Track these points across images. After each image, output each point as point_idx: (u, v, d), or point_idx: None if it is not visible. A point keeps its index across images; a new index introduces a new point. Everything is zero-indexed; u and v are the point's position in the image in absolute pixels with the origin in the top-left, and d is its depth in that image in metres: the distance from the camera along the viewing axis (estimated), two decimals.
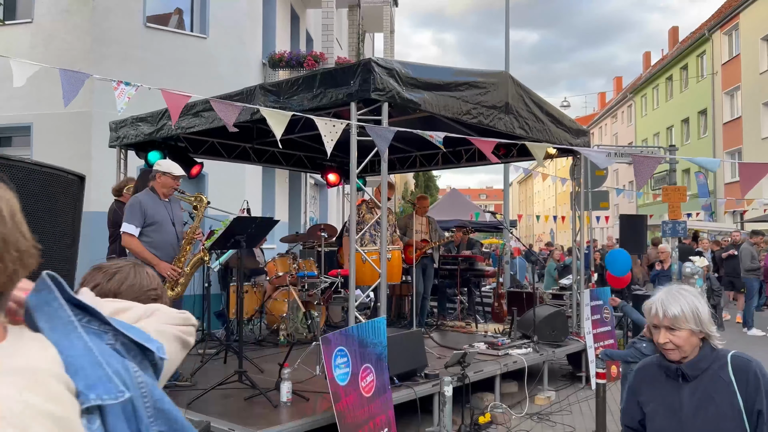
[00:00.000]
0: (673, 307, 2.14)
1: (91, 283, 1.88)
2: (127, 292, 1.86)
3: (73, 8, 10.33)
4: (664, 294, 2.19)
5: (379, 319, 4.72)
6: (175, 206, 5.16)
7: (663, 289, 2.23)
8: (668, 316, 2.15)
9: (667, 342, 2.17)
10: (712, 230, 18.95)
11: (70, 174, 3.01)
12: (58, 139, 10.00)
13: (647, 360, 2.37)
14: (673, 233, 8.03)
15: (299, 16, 15.60)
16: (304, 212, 13.37)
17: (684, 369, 2.17)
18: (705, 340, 2.17)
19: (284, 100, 5.42)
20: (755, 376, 2.09)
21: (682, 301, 2.14)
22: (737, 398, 2.08)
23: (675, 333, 2.14)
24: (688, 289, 2.19)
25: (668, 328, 2.16)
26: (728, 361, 2.15)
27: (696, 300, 2.15)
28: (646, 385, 2.31)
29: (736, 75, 26.48)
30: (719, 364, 2.16)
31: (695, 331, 2.13)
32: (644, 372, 2.36)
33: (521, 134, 6.62)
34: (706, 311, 2.15)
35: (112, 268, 1.90)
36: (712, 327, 2.16)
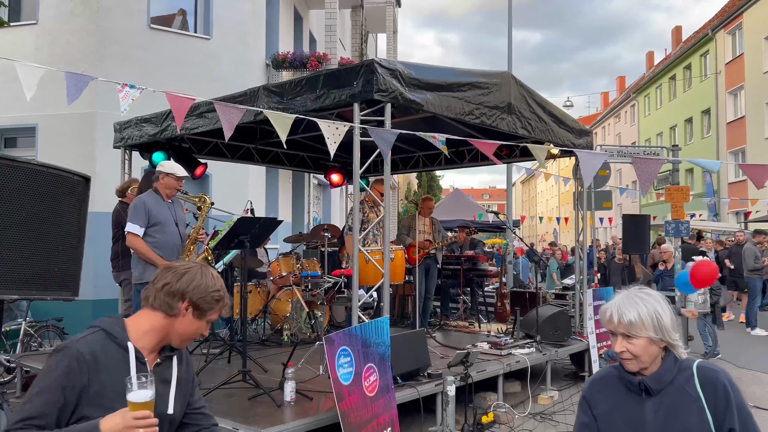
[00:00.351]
0: (630, 313, 1.95)
1: (160, 282, 2.04)
2: (193, 291, 2.04)
3: (77, 10, 10.37)
4: (622, 297, 2.01)
5: (382, 318, 4.74)
6: (178, 207, 5.19)
7: (622, 291, 2.04)
8: (623, 322, 1.96)
9: (624, 351, 1.97)
10: (715, 230, 18.94)
11: (75, 175, 3.04)
12: (63, 140, 10.04)
13: (605, 370, 2.16)
14: (676, 233, 8.03)
15: (302, 16, 15.64)
16: (307, 212, 13.40)
17: (647, 383, 1.97)
18: (668, 349, 1.99)
19: (288, 101, 5.44)
20: (724, 389, 1.91)
21: (640, 305, 1.95)
22: (706, 414, 1.90)
23: (632, 341, 1.96)
24: (650, 293, 2.01)
25: (624, 335, 1.97)
26: (694, 372, 1.96)
27: (657, 305, 1.97)
28: (603, 398, 2.10)
29: (739, 74, 26.42)
30: (685, 377, 1.96)
31: (654, 340, 1.94)
32: (602, 383, 2.14)
33: (524, 134, 6.63)
34: (668, 317, 1.96)
35: (182, 268, 2.07)
36: (674, 335, 1.96)
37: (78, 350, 1.90)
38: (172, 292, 2.01)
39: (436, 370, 5.26)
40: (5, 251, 2.62)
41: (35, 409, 1.84)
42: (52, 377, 1.88)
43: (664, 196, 8.40)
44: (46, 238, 2.80)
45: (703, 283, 4.55)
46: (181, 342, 2.10)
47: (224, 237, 5.37)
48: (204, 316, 2.07)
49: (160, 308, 2.02)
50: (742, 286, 12.23)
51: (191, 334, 2.08)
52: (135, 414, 1.79)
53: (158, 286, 2.03)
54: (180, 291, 2.02)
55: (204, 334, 2.15)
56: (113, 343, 1.97)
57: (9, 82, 10.21)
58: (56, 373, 1.88)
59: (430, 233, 8.02)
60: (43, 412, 1.83)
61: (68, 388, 1.85)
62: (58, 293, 2.91)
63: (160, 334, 2.04)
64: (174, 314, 2.02)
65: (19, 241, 2.68)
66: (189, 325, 2.05)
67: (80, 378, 1.87)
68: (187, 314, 2.03)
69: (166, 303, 2.01)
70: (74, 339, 1.98)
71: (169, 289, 2.01)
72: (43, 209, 2.79)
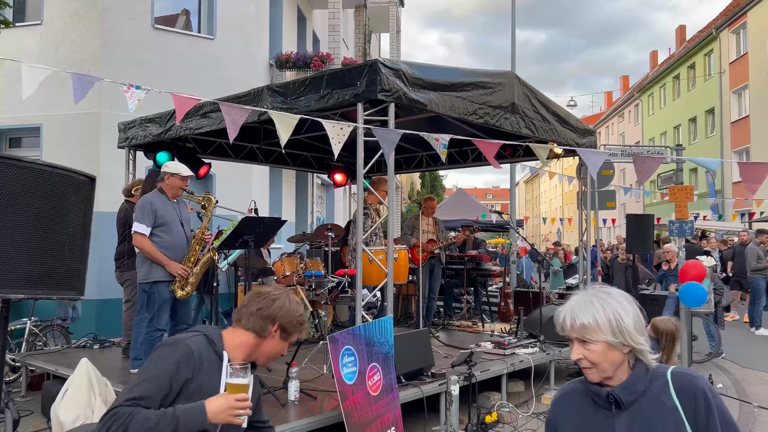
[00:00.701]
0: (584, 315, 1.74)
1: (254, 306, 2.31)
2: (283, 316, 2.31)
3: (82, 11, 10.40)
4: (578, 298, 1.80)
5: (386, 318, 4.75)
6: (183, 207, 5.21)
7: (579, 292, 1.84)
8: (576, 325, 1.75)
9: (581, 358, 1.77)
10: (719, 229, 18.89)
11: (81, 175, 3.05)
12: (68, 141, 10.07)
13: (569, 385, 1.96)
14: (679, 233, 8.01)
15: (306, 16, 15.65)
16: (310, 212, 13.43)
17: (617, 394, 1.75)
18: (638, 358, 1.77)
19: (291, 101, 5.45)
20: (704, 396, 1.70)
21: (596, 306, 1.74)
22: (685, 426, 1.70)
23: (588, 347, 1.74)
24: (611, 292, 1.80)
25: (580, 340, 1.76)
26: (669, 380, 1.75)
27: (618, 305, 1.75)
28: (570, 417, 1.89)
29: (743, 74, 26.35)
30: (658, 386, 1.75)
31: (613, 344, 1.72)
32: (567, 400, 1.92)
33: (527, 134, 6.63)
34: (631, 319, 1.73)
35: (273, 294, 2.36)
36: (638, 338, 1.73)
37: (189, 347, 2.15)
38: (265, 316, 2.28)
39: (440, 370, 5.27)
40: (12, 251, 2.63)
41: (145, 391, 2.04)
42: (163, 366, 2.11)
43: (668, 195, 8.37)
44: (52, 237, 2.81)
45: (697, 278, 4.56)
46: (266, 360, 2.40)
47: (229, 237, 5.39)
48: (288, 338, 2.36)
49: (252, 329, 2.29)
50: (746, 286, 12.21)
51: (275, 353, 2.38)
52: (236, 396, 2.06)
53: (252, 309, 2.30)
54: (272, 315, 2.29)
55: (284, 354, 2.44)
56: (212, 349, 2.22)
57: (14, 83, 10.25)
58: (167, 362, 2.11)
59: (433, 233, 8.03)
60: (150, 395, 2.04)
61: (175, 379, 2.09)
62: (64, 293, 2.92)
63: (249, 351, 2.31)
64: (264, 335, 2.29)
65: (26, 240, 2.69)
66: (275, 346, 2.34)
67: (186, 371, 2.11)
68: (275, 336, 2.31)
69: (259, 325, 2.29)
70: (184, 336, 2.23)
71: (262, 313, 2.28)
72: (49, 209, 2.80)
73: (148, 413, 2.00)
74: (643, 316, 1.81)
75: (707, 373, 7.41)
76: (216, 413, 2.04)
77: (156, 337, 4.83)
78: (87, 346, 7.00)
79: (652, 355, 1.77)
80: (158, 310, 4.82)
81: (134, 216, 4.94)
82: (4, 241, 2.59)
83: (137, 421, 1.97)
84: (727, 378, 7.65)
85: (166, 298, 4.84)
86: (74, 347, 7.07)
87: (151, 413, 2.00)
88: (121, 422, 1.96)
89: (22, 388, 6.51)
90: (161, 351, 2.18)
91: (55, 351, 6.94)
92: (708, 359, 8.47)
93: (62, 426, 4.46)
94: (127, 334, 6.25)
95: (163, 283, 4.83)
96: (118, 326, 6.91)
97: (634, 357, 1.77)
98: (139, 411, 2.00)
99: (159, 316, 4.82)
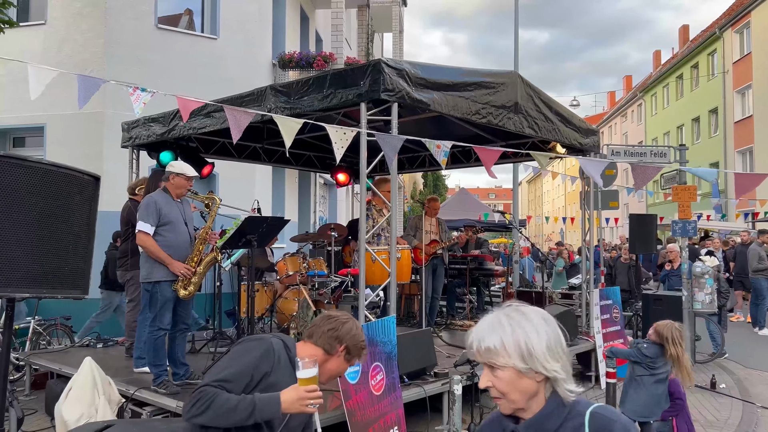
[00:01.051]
0: (490, 337, 1.51)
1: (327, 327, 2.53)
2: (350, 339, 2.56)
3: (85, 10, 10.42)
4: (488, 318, 1.58)
5: (388, 318, 4.76)
6: (186, 206, 5.21)
7: (492, 311, 1.61)
8: (482, 349, 1.52)
9: (490, 387, 1.54)
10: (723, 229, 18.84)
11: (85, 174, 3.06)
12: (71, 140, 10.09)
13: (492, 415, 1.73)
14: (683, 233, 8.00)
15: (309, 16, 15.66)
16: (313, 212, 13.43)
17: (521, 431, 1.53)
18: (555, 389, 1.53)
19: (295, 101, 5.46)
20: None
21: (505, 327, 1.51)
22: None
23: (496, 373, 1.52)
24: (525, 311, 1.56)
25: (488, 365, 1.53)
26: (586, 422, 1.49)
27: (530, 326, 1.51)
28: None
29: (747, 73, 26.29)
30: (573, 426, 1.50)
31: (523, 371, 1.48)
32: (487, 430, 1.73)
33: (531, 134, 6.62)
34: (544, 342, 1.49)
35: (342, 318, 2.61)
36: (552, 365, 1.49)
37: (272, 343, 2.43)
38: (336, 336, 2.53)
39: (443, 370, 5.27)
40: (17, 250, 2.64)
41: (230, 375, 2.30)
42: (248, 357, 2.36)
43: (671, 195, 8.36)
44: (56, 236, 2.82)
45: None
46: (328, 378, 2.59)
47: (232, 236, 5.40)
48: (351, 360, 2.60)
49: (322, 346, 2.53)
50: (749, 286, 12.19)
51: (337, 372, 2.61)
52: (306, 387, 2.24)
53: (324, 329, 2.54)
54: (340, 336, 2.54)
55: (342, 374, 2.73)
56: (287, 353, 2.46)
57: (17, 83, 10.28)
58: (253, 354, 2.37)
59: (436, 233, 8.02)
60: (234, 380, 2.29)
61: (257, 370, 2.33)
62: (68, 292, 2.93)
63: None
64: (332, 353, 2.53)
65: (31, 239, 2.70)
66: (339, 365, 2.58)
67: (268, 365, 2.35)
68: (340, 355, 2.55)
69: (329, 343, 2.53)
70: (269, 336, 2.49)
71: (333, 333, 2.53)
72: (54, 208, 2.81)
73: (230, 396, 2.23)
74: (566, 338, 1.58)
75: (710, 374, 7.40)
76: (289, 403, 2.24)
77: (159, 337, 4.83)
78: (90, 345, 7.02)
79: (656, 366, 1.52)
80: (161, 309, 4.82)
81: (138, 215, 4.94)
82: (9, 240, 2.60)
83: (219, 401, 2.20)
84: (731, 378, 7.64)
85: (168, 298, 4.84)
86: (77, 346, 7.09)
87: (232, 396, 2.23)
88: (205, 399, 2.21)
89: (26, 387, 6.53)
90: (248, 344, 2.45)
91: (59, 350, 6.96)
92: (711, 359, 8.46)
93: (66, 424, 4.47)
94: (130, 333, 6.26)
95: (165, 283, 4.83)
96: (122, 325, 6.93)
97: (552, 388, 1.53)
98: (222, 392, 2.23)
99: (162, 316, 4.82)
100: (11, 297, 2.73)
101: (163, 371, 4.89)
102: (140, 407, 4.87)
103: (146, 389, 4.91)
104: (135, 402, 4.91)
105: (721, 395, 6.79)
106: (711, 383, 7.05)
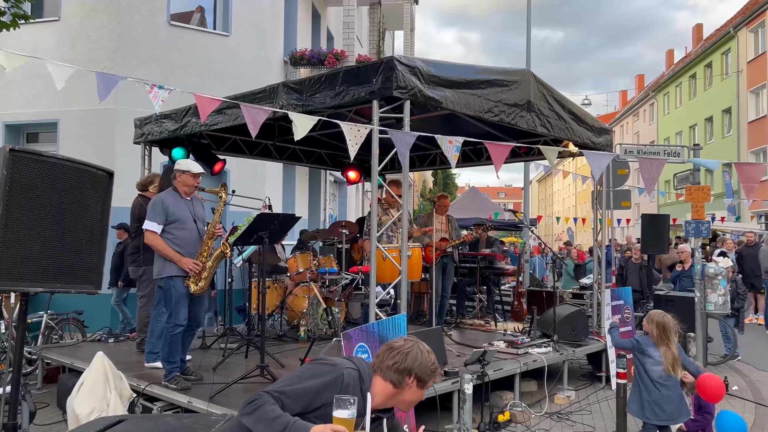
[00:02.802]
0: None
1: (391, 361, 2.41)
2: (418, 368, 2.43)
3: (99, 7, 10.48)
4: None
5: (399, 316, 4.75)
6: (197, 204, 5.24)
7: None
8: None
9: None
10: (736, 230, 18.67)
11: (99, 170, 3.08)
12: (84, 136, 10.15)
13: None
14: (696, 233, 7.93)
15: (320, 14, 15.66)
16: (323, 209, 13.45)
17: None
18: None
19: (307, 98, 5.46)
20: None
21: None
22: None
23: None
24: None
25: None
26: None
27: None
28: None
29: (761, 73, 26.02)
30: None
31: None
32: None
33: (543, 132, 6.59)
34: None
35: (405, 348, 2.47)
36: None
37: (342, 375, 2.34)
38: (401, 370, 2.41)
39: (453, 368, 5.26)
40: (32, 245, 2.66)
41: (291, 392, 2.27)
42: (315, 381, 2.31)
43: (684, 195, 8.29)
44: (71, 232, 2.84)
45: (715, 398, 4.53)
46: (407, 407, 2.55)
47: (244, 233, 5.41)
48: (425, 386, 2.48)
49: (390, 381, 2.42)
50: (759, 287, 12.08)
51: (415, 400, 2.51)
52: (334, 427, 2.17)
53: (388, 364, 2.43)
54: (407, 369, 2.42)
55: (423, 398, 2.57)
56: (360, 386, 2.38)
57: (31, 79, 10.35)
58: (320, 380, 2.31)
59: (446, 231, 7.99)
60: (293, 397, 2.26)
61: (317, 397, 2.28)
62: (81, 286, 2.95)
63: (387, 399, 2.45)
64: (402, 387, 2.43)
65: (45, 234, 2.71)
66: (413, 394, 2.47)
67: (329, 396, 2.26)
68: (412, 386, 2.44)
69: (396, 378, 2.42)
70: (343, 364, 2.42)
71: (398, 367, 2.41)
72: (69, 203, 2.82)
73: (277, 410, 2.21)
74: None
75: (722, 375, 7.34)
76: None
77: (176, 333, 4.84)
78: (102, 340, 7.07)
79: None
80: (176, 305, 4.85)
81: (147, 214, 5.00)
82: (25, 235, 2.62)
83: (266, 409, 2.20)
84: (743, 380, 7.57)
85: (182, 293, 4.87)
86: (89, 341, 7.14)
87: (277, 411, 2.21)
88: (257, 404, 2.22)
89: (38, 381, 6.58)
90: (320, 367, 2.38)
91: (71, 344, 7.00)
92: (723, 361, 8.39)
93: (78, 418, 4.50)
94: (141, 329, 6.29)
95: (178, 278, 4.86)
96: (133, 320, 6.96)
97: None
98: (273, 404, 2.22)
99: (177, 312, 4.84)
100: (25, 291, 2.75)
101: (175, 368, 4.91)
102: (151, 402, 4.90)
103: (157, 384, 4.93)
104: (146, 397, 4.93)
105: (734, 397, 6.73)
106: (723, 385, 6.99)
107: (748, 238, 13.13)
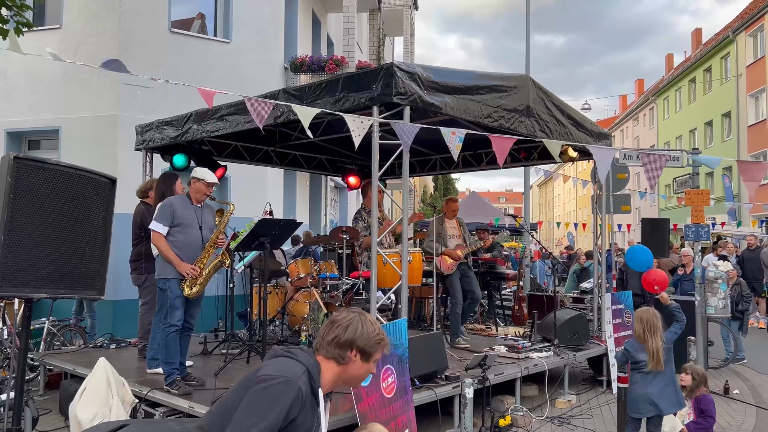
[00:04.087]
0: None
1: (330, 336, 2.32)
2: (360, 340, 2.32)
3: (101, 13, 10.53)
4: None
5: (400, 320, 4.77)
6: (207, 212, 5.32)
7: None
8: None
9: None
10: (736, 235, 18.67)
11: (102, 177, 3.11)
12: (86, 143, 10.19)
13: None
14: (696, 237, 7.94)
15: (320, 20, 15.73)
16: (324, 214, 13.47)
17: None
18: None
19: (307, 104, 5.48)
20: None
21: None
22: None
23: None
24: None
25: None
26: None
27: None
28: None
29: (761, 77, 26.08)
30: None
31: None
32: None
33: (542, 137, 6.61)
34: None
35: (345, 320, 2.35)
36: None
37: (300, 388, 2.18)
38: (342, 343, 2.30)
39: (454, 373, 5.27)
40: (36, 251, 2.69)
41: (267, 428, 2.09)
42: (278, 407, 2.12)
43: (684, 200, 8.31)
44: (74, 238, 2.86)
45: (652, 284, 4.67)
46: (357, 383, 2.47)
47: (245, 238, 5.45)
48: (371, 358, 2.37)
49: (332, 358, 2.32)
50: (759, 290, 12.08)
51: (363, 375, 2.41)
52: None
53: (328, 339, 2.32)
54: (348, 341, 2.31)
55: (373, 371, 2.46)
56: (311, 386, 2.25)
57: (34, 85, 10.41)
58: (283, 404, 2.13)
59: (459, 236, 7.63)
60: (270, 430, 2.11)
61: (286, 418, 2.13)
62: (85, 292, 2.98)
63: (336, 380, 2.36)
64: (345, 362, 2.32)
65: (49, 240, 2.74)
66: (360, 369, 2.36)
67: (295, 410, 2.15)
68: (356, 360, 2.33)
69: (338, 353, 2.31)
70: (294, 374, 2.21)
71: (338, 341, 2.30)
72: (73, 210, 2.85)
73: None
74: None
75: (724, 379, 7.34)
76: None
77: (170, 333, 4.93)
78: (104, 346, 7.08)
79: None
80: (171, 306, 4.97)
81: (154, 216, 5.09)
82: (29, 242, 2.65)
83: None
84: (744, 384, 7.57)
85: (178, 294, 4.97)
86: (91, 347, 7.15)
87: None
88: None
89: (40, 387, 6.60)
90: (277, 390, 2.16)
91: (73, 350, 7.02)
92: (724, 365, 8.40)
93: (80, 424, 4.51)
94: (143, 335, 6.32)
95: (175, 280, 4.98)
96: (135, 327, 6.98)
97: None
98: None
99: (172, 312, 4.95)
100: (29, 297, 2.77)
101: (174, 369, 4.97)
102: (153, 408, 4.92)
103: (159, 390, 4.95)
104: (148, 402, 4.95)
105: (735, 401, 6.73)
106: (724, 389, 6.99)
107: (750, 241, 13.14)
